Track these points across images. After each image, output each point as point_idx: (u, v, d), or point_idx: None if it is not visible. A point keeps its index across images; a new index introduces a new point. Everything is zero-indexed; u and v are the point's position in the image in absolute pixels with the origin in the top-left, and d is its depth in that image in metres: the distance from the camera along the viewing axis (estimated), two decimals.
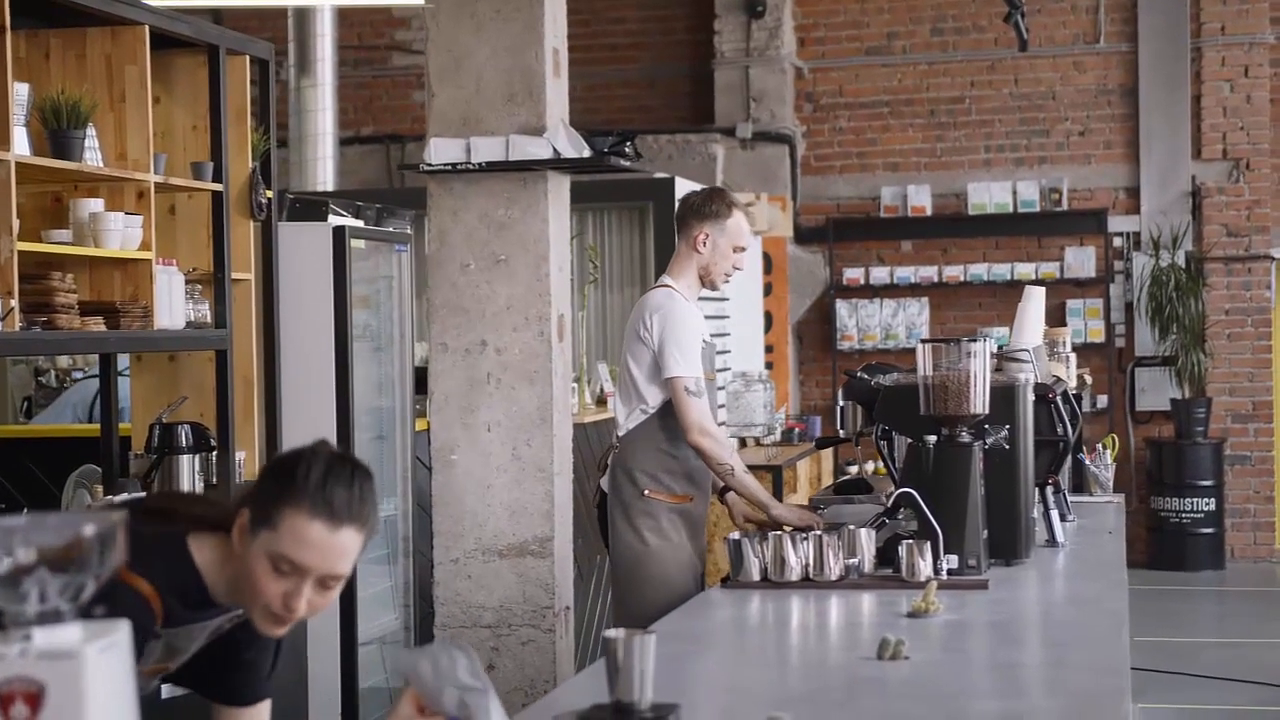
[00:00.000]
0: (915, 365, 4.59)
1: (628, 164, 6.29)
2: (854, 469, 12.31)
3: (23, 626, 1.74)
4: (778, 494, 9.05)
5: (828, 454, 11.32)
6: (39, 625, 1.74)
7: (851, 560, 4.34)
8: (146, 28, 5.30)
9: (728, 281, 5.56)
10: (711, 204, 5.43)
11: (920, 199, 13.09)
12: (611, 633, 2.74)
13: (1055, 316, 12.61)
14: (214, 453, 5.68)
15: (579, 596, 6.88)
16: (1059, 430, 5.12)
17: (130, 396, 6.00)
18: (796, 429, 11.05)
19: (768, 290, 12.47)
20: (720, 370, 10.19)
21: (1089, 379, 9.74)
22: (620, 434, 5.38)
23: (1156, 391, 12.83)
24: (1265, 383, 12.86)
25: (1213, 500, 12.49)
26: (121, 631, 1.78)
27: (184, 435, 5.52)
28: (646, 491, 5.28)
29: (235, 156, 5.84)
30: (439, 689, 2.57)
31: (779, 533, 4.36)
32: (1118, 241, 12.98)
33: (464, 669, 2.56)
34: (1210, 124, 12.83)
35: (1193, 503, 12.47)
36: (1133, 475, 12.82)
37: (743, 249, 5.45)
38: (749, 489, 5.26)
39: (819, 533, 4.41)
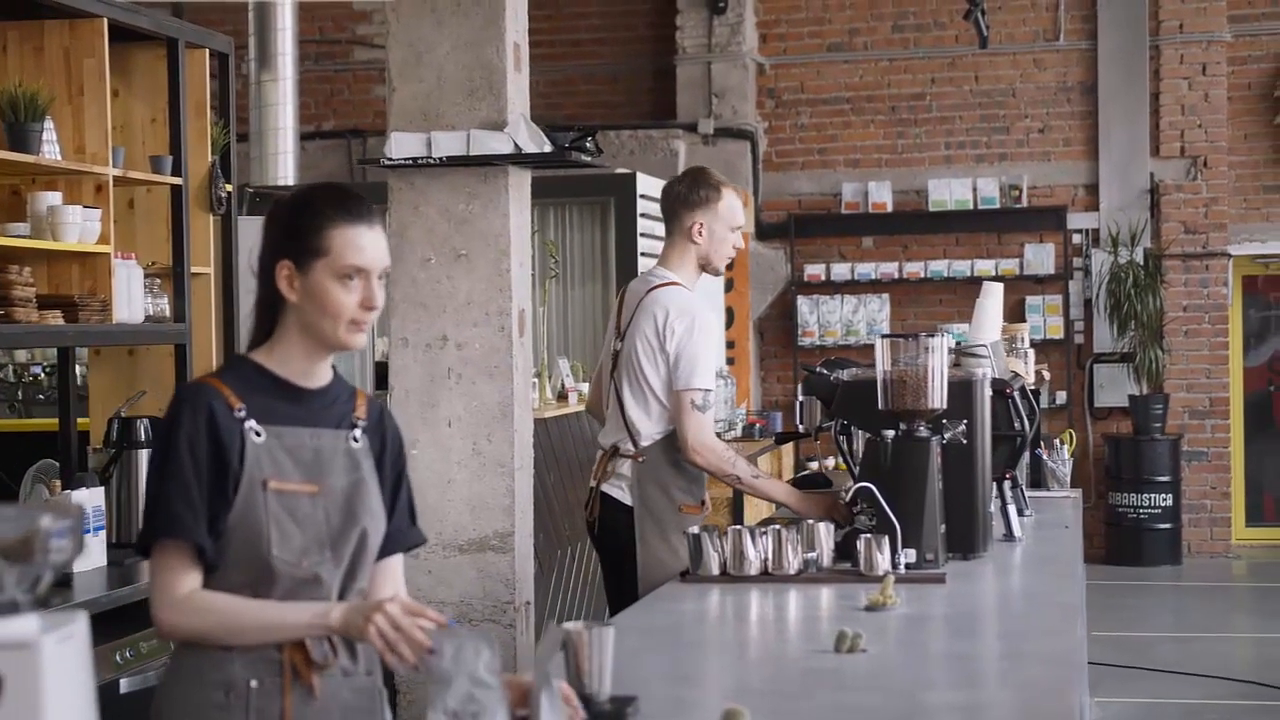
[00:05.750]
0: (874, 360, 4.61)
1: (588, 159, 6.29)
2: (814, 464, 12.35)
3: None
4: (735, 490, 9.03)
5: (788, 449, 11.36)
6: None
7: (810, 554, 4.36)
8: (105, 20, 5.27)
9: (729, 263, 5.33)
10: (699, 190, 5.15)
11: (881, 195, 13.14)
12: (570, 625, 2.76)
13: (1015, 313, 12.67)
14: None
15: (539, 592, 6.88)
16: (1016, 425, 5.14)
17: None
18: (758, 425, 11.08)
19: (729, 286, 12.50)
20: None
21: (1047, 375, 9.79)
22: (643, 443, 5.12)
23: (1115, 388, 12.91)
24: (1222, 379, 12.95)
25: (1170, 496, 12.57)
26: (79, 623, 1.78)
27: (143, 430, 5.50)
28: (683, 508, 5.12)
29: (195, 150, 5.82)
30: (451, 675, 2.62)
31: (738, 527, 4.37)
32: (1077, 238, 13.05)
33: (484, 665, 2.60)
34: (1169, 122, 12.91)
35: (1150, 498, 12.55)
36: (1091, 471, 12.90)
37: (739, 227, 5.22)
38: (764, 493, 5.10)
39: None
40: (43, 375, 9.35)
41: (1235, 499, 13.18)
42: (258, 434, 2.85)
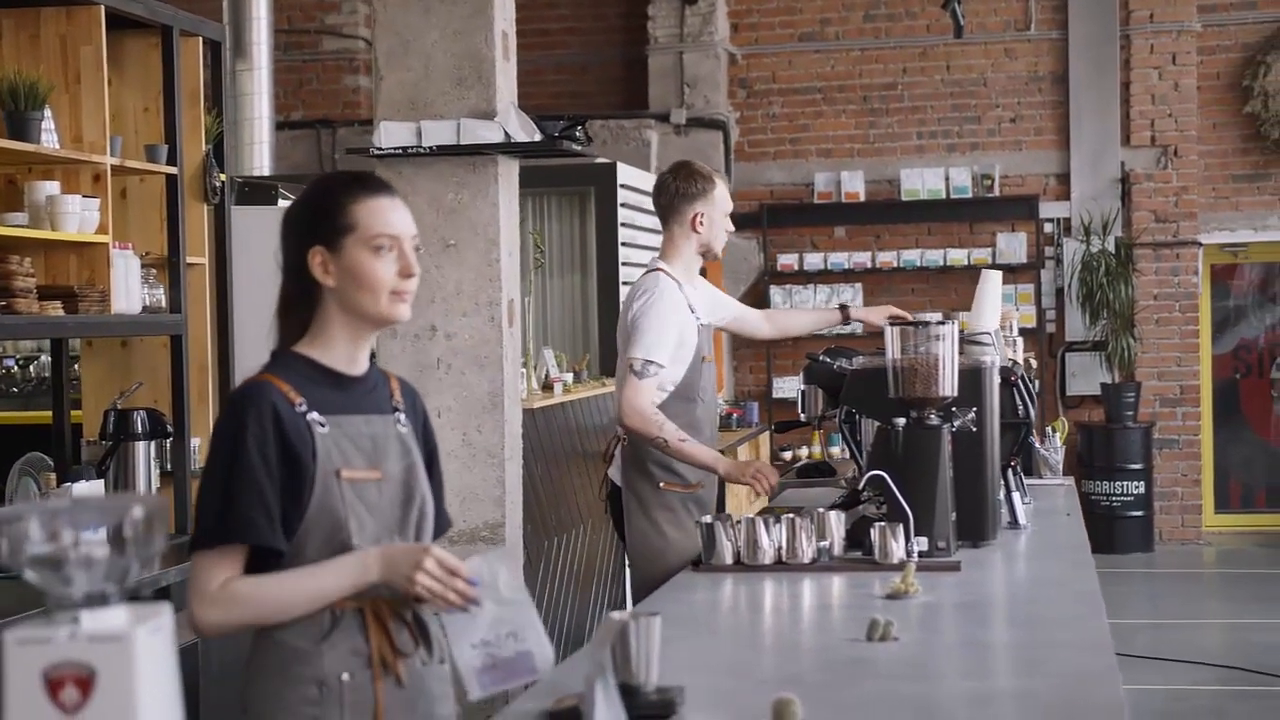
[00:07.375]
0: (881, 348, 4.60)
1: (579, 148, 6.28)
2: (788, 454, 12.36)
3: (70, 610, 1.71)
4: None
5: (765, 439, 11.36)
6: (86, 608, 1.71)
7: (822, 543, 4.35)
8: (102, 8, 5.21)
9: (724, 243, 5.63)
10: (695, 183, 5.44)
11: (854, 185, 13.14)
12: (617, 615, 2.74)
13: None
14: (169, 439, 5.61)
15: (528, 582, 6.86)
16: (1021, 412, 5.15)
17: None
18: (734, 415, 11.08)
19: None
20: None
21: (1034, 362, 9.82)
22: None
23: (1087, 376, 12.96)
24: (1193, 367, 13.01)
25: (1142, 483, 12.63)
26: (165, 615, 1.75)
27: (140, 421, 5.44)
28: (662, 484, 5.25)
29: (189, 139, 5.76)
30: (478, 604, 2.63)
31: (752, 516, 4.36)
32: (1049, 227, 13.08)
33: (504, 582, 2.62)
34: (1139, 111, 12.95)
35: (1122, 486, 12.61)
36: (1063, 459, 12.92)
37: (729, 212, 5.56)
38: (692, 457, 5.18)
39: (792, 516, 4.39)
40: (15, 368, 9.23)
41: (1205, 486, 13.25)
42: (322, 425, 2.85)
